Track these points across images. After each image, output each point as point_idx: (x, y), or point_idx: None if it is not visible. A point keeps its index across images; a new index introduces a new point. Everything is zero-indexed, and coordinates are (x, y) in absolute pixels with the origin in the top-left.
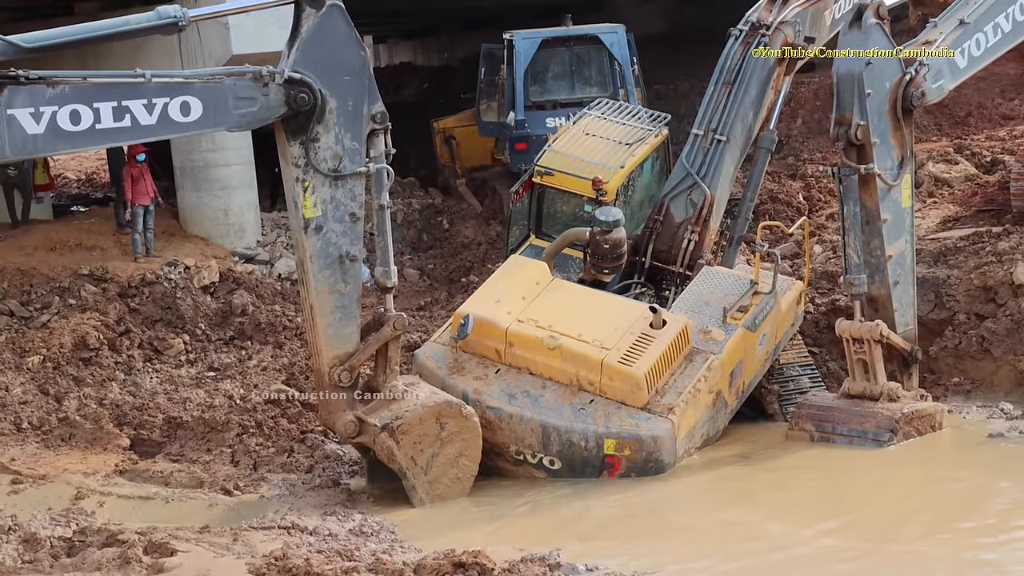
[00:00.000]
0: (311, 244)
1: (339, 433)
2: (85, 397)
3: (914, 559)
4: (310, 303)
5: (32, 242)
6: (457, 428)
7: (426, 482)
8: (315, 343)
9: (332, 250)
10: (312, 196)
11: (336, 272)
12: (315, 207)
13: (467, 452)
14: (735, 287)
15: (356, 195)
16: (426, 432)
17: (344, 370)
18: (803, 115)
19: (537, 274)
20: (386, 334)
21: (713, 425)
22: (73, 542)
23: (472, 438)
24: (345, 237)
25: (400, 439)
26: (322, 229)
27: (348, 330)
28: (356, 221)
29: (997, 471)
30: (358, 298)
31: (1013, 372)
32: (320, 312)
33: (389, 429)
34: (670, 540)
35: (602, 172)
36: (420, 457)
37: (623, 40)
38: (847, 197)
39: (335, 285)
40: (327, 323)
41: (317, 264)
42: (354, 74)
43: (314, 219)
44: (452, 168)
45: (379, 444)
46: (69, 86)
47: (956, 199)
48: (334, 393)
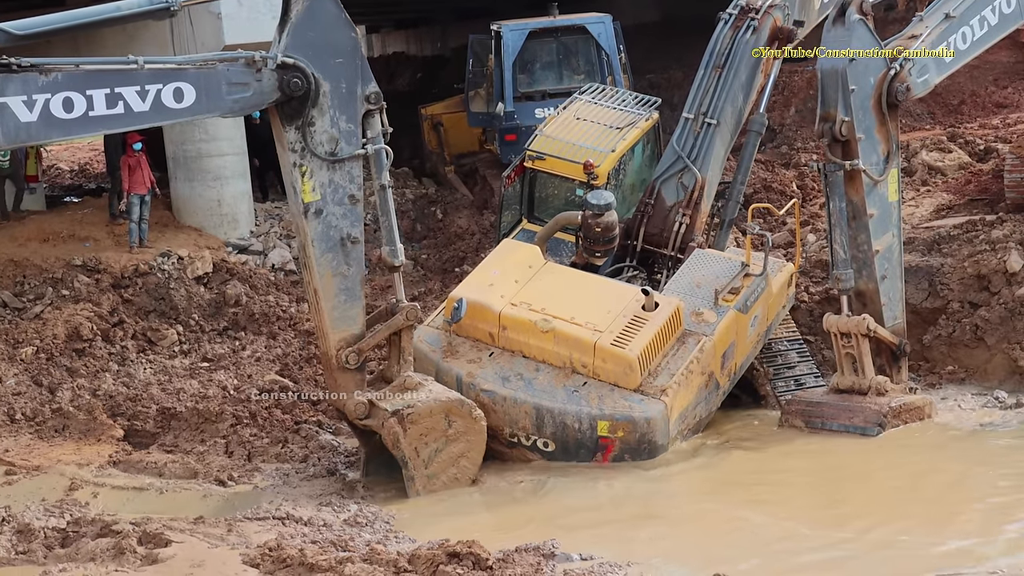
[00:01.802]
0: (312, 228)
1: (349, 414)
2: (79, 388)
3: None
4: (314, 287)
5: (25, 233)
6: (464, 428)
7: (425, 475)
8: (321, 326)
9: (333, 233)
10: (310, 180)
11: (338, 255)
12: (314, 191)
13: (469, 454)
14: (726, 269)
15: (354, 177)
16: (434, 426)
17: (352, 352)
18: (796, 104)
19: (530, 258)
20: (398, 322)
21: (706, 407)
22: (67, 533)
23: (477, 441)
24: (346, 220)
25: (408, 427)
26: (322, 213)
27: (353, 312)
28: (356, 203)
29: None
30: (362, 280)
31: (1007, 360)
32: (324, 296)
33: (399, 416)
34: (663, 529)
35: (593, 156)
36: (424, 450)
37: (610, 29)
38: (833, 193)
39: (338, 268)
40: (332, 306)
41: (319, 248)
42: (346, 56)
43: (313, 203)
44: (440, 154)
45: (387, 428)
46: (62, 73)
47: (950, 187)
48: (343, 375)
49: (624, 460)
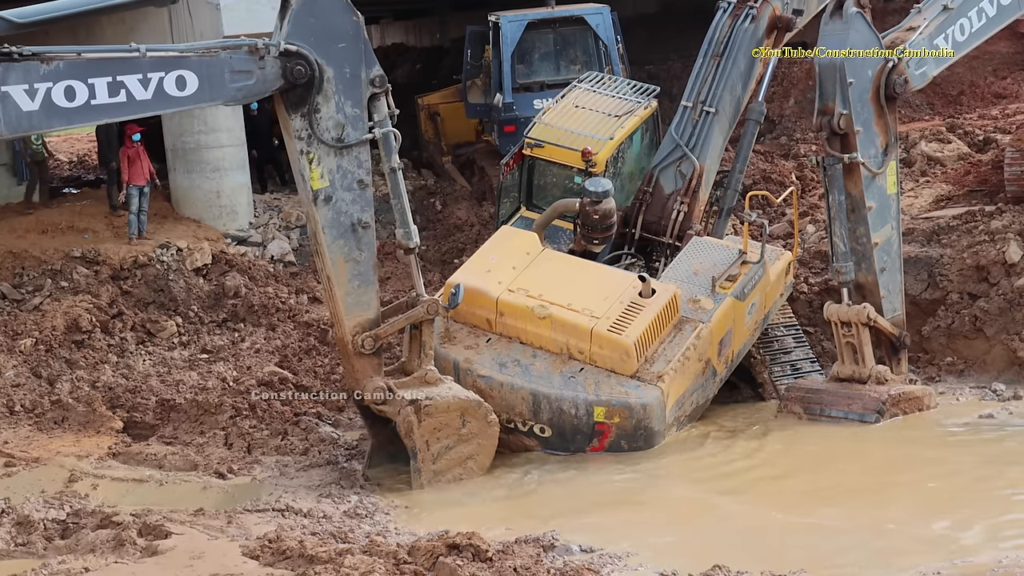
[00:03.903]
0: (322, 215)
1: (366, 398)
2: (78, 380)
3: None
4: (327, 274)
5: (24, 224)
6: (477, 430)
7: (431, 470)
8: (336, 312)
9: (344, 219)
10: (318, 167)
11: (350, 240)
12: (322, 178)
13: (478, 457)
14: (724, 257)
15: (363, 162)
16: (448, 422)
17: (368, 337)
18: (795, 95)
19: (528, 244)
20: (418, 313)
21: (703, 393)
22: (67, 524)
23: (487, 445)
24: (355, 205)
25: (423, 419)
26: (332, 199)
27: (367, 297)
28: (365, 188)
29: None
30: (374, 264)
31: (1006, 352)
32: (337, 282)
33: (416, 405)
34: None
35: (592, 144)
36: (435, 444)
37: (608, 20)
38: (832, 186)
39: (350, 254)
40: (345, 292)
41: (330, 235)
42: (349, 40)
43: (323, 190)
44: (437, 144)
45: (402, 416)
46: (63, 62)
47: (949, 178)
48: (359, 360)
49: (620, 446)
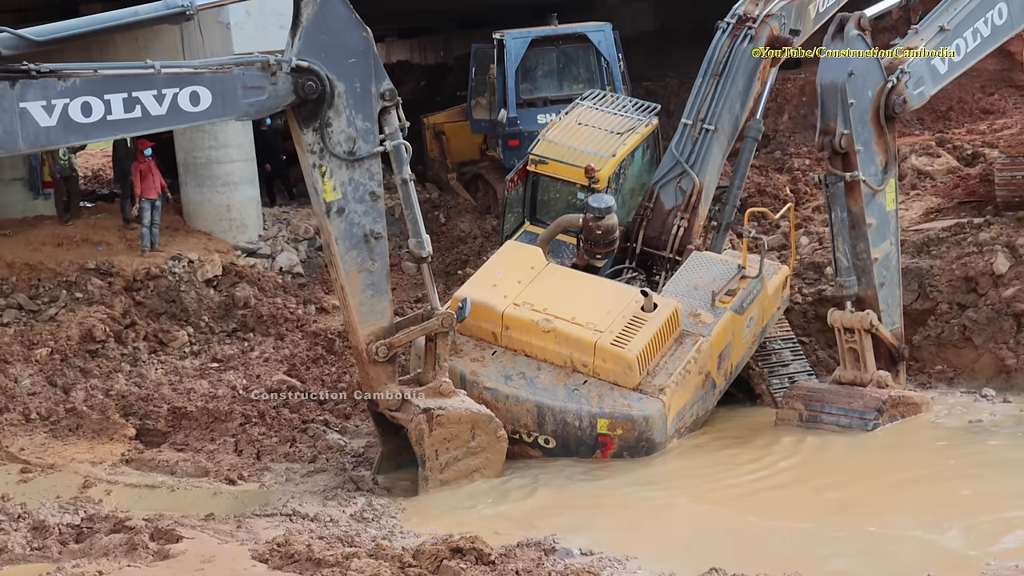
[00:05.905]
0: (335, 227)
1: (381, 404)
2: (92, 388)
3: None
4: (340, 284)
5: (40, 237)
6: (486, 443)
7: (438, 480)
8: (350, 321)
9: (356, 230)
10: (331, 180)
11: (363, 251)
12: (335, 190)
13: (484, 471)
14: (723, 272)
15: (374, 174)
16: (459, 433)
17: (382, 345)
18: (789, 111)
19: (532, 259)
20: (432, 325)
21: (703, 405)
22: (81, 529)
23: (495, 460)
24: (368, 216)
25: (434, 428)
26: (344, 211)
27: (380, 306)
28: (377, 199)
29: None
30: (387, 274)
31: (994, 360)
32: (351, 292)
33: (429, 414)
34: (662, 525)
35: (594, 160)
36: (444, 455)
37: (610, 38)
38: (834, 203)
39: (363, 264)
40: (359, 301)
41: (343, 246)
42: (359, 55)
43: (335, 202)
44: (442, 163)
45: (414, 424)
46: (80, 79)
47: (938, 191)
48: (374, 368)
49: (623, 457)
